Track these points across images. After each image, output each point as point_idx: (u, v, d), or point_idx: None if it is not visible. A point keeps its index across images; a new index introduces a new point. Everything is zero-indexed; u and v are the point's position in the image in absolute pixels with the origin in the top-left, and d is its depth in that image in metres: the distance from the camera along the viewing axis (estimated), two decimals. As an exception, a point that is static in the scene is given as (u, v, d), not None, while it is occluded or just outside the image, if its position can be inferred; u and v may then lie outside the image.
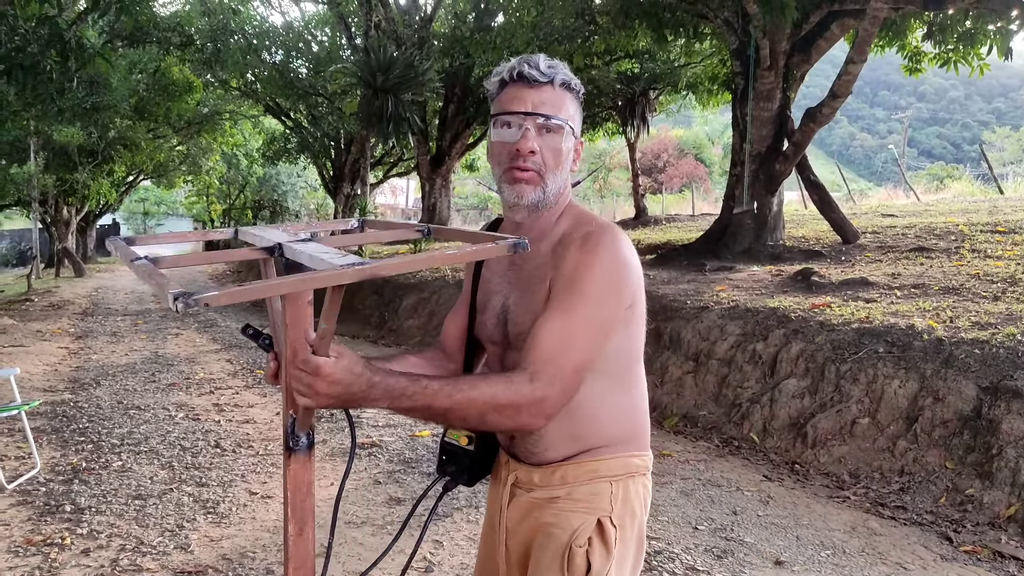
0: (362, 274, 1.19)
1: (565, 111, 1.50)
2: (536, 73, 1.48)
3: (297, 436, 1.50)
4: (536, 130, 1.48)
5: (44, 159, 22.66)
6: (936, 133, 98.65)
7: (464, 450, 1.64)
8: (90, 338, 10.55)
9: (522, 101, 1.48)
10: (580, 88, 1.55)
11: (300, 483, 1.53)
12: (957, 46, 10.50)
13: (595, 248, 1.44)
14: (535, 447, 1.56)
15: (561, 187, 1.54)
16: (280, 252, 1.48)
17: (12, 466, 4.85)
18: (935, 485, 4.51)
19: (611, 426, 1.55)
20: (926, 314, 5.81)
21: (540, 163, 1.49)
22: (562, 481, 1.55)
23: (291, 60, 21.96)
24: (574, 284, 1.42)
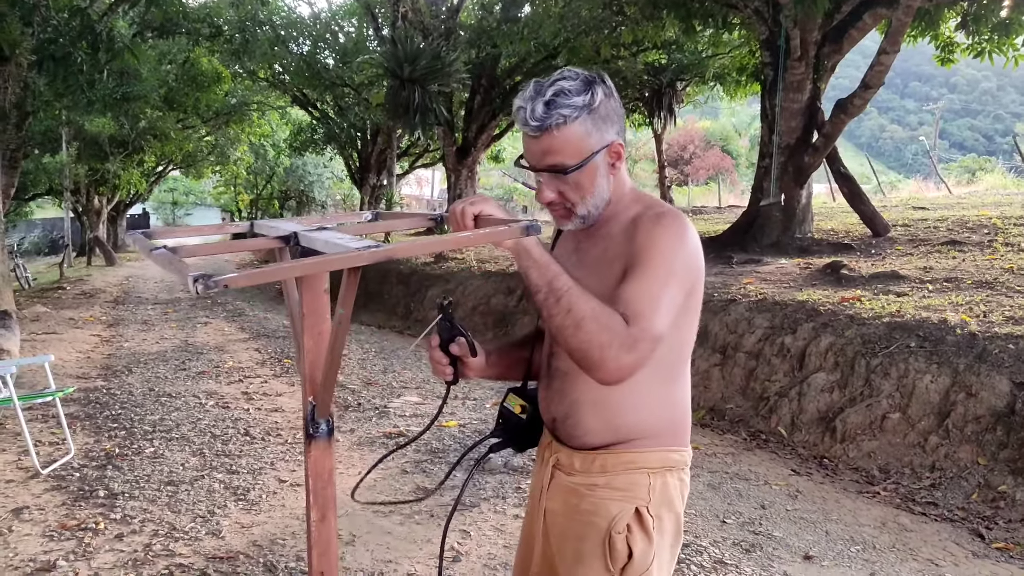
0: (375, 256, 1.21)
1: (571, 149, 1.49)
2: (529, 129, 1.49)
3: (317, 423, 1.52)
4: (549, 179, 1.53)
5: (76, 149, 22.95)
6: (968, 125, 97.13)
7: (516, 417, 1.72)
8: (121, 326, 10.70)
9: (529, 153, 1.53)
10: (588, 103, 1.50)
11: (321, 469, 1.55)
12: (991, 36, 10.32)
13: (668, 226, 1.49)
14: (575, 430, 1.60)
15: (602, 200, 1.58)
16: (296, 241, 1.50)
17: (47, 451, 4.94)
18: (967, 481, 4.46)
19: (651, 418, 1.57)
20: (959, 308, 5.74)
21: (563, 202, 1.55)
22: (601, 469, 1.57)
23: (318, 51, 22.02)
24: (650, 254, 1.47)
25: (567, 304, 1.38)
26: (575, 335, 1.39)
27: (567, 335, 1.40)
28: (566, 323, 1.39)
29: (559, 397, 1.62)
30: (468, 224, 1.42)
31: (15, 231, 33.21)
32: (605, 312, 1.39)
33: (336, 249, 1.27)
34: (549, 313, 1.41)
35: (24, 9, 8.90)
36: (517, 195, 41.32)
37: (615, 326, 1.38)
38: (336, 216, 1.76)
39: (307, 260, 1.25)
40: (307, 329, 1.50)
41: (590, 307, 1.38)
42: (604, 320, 1.38)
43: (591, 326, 1.37)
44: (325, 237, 1.39)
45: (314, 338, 1.51)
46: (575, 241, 1.66)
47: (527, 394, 1.74)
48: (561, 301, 1.39)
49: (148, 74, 18.19)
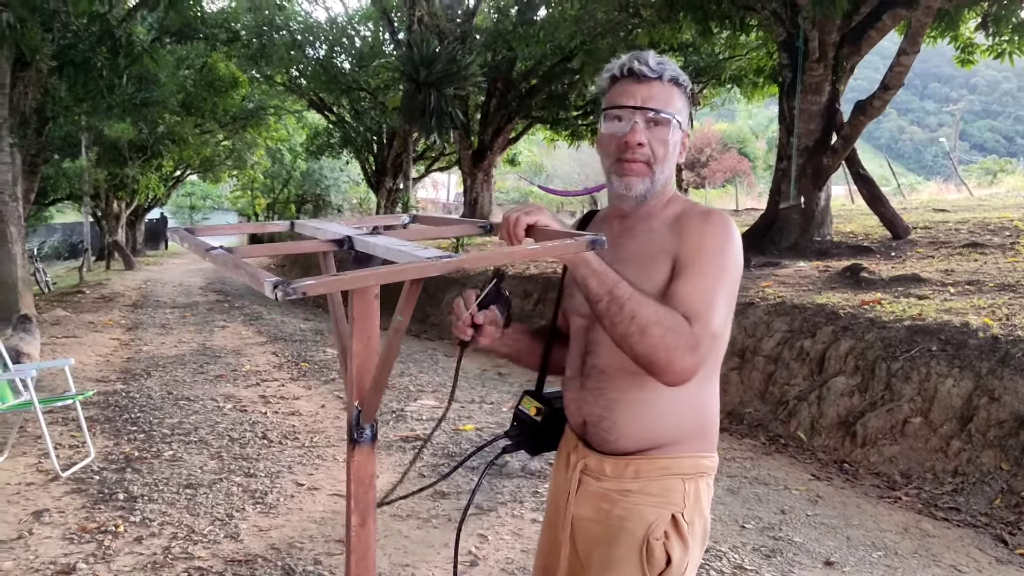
0: (449, 267, 1.20)
1: (673, 105, 1.56)
2: (646, 69, 1.53)
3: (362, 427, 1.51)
4: (644, 123, 1.54)
5: (95, 154, 23.13)
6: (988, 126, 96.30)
7: (532, 420, 1.72)
8: (140, 330, 10.77)
9: (631, 95, 1.54)
10: (688, 84, 1.61)
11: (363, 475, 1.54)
12: (1012, 37, 10.23)
13: (718, 224, 1.52)
14: (609, 434, 1.58)
15: (668, 178, 1.60)
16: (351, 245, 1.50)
17: (67, 454, 4.97)
18: (990, 486, 4.40)
19: (685, 422, 1.56)
20: (981, 311, 5.67)
21: (648, 154, 1.55)
22: (635, 475, 1.56)
23: (335, 55, 22.11)
24: (703, 252, 1.48)
25: (630, 311, 1.38)
26: (641, 341, 1.39)
27: (632, 341, 1.40)
28: (631, 330, 1.39)
29: (594, 397, 1.60)
30: (520, 235, 1.41)
31: (35, 235, 33.52)
32: (668, 315, 1.40)
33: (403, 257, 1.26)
34: (612, 321, 1.40)
35: (45, 15, 8.98)
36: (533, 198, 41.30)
37: (679, 328, 1.39)
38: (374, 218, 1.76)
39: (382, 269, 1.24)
40: (356, 334, 1.48)
41: (653, 311, 1.39)
42: (669, 323, 1.38)
43: (656, 330, 1.38)
44: (384, 243, 1.38)
45: (363, 343, 1.50)
46: (611, 235, 1.62)
47: (543, 397, 1.74)
48: (624, 308, 1.39)
49: (167, 79, 18.30)
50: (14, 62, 9.23)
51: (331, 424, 5.81)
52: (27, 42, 8.55)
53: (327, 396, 6.66)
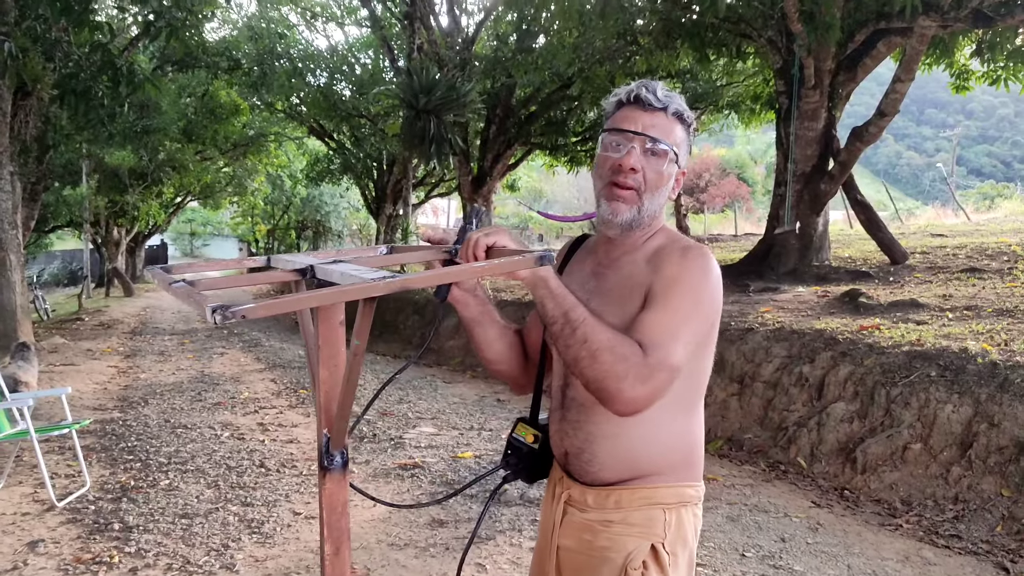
0: (391, 286, 1.20)
1: (673, 138, 1.56)
2: (652, 98, 1.54)
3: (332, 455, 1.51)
4: (641, 151, 1.53)
5: (96, 181, 23.23)
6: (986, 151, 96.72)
7: (529, 447, 1.71)
8: (138, 357, 10.75)
9: (633, 121, 1.54)
10: (692, 121, 1.62)
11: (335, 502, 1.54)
12: (1007, 64, 10.31)
13: (695, 260, 1.50)
14: (589, 465, 1.58)
15: (657, 210, 1.59)
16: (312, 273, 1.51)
17: (63, 484, 4.94)
18: (991, 513, 4.38)
19: (668, 453, 1.55)
20: (979, 337, 5.67)
21: (640, 181, 1.54)
22: (616, 505, 1.56)
23: (335, 82, 22.27)
24: (676, 286, 1.47)
25: (583, 335, 1.37)
26: (591, 366, 1.37)
27: (583, 366, 1.38)
28: (582, 354, 1.37)
29: (573, 429, 1.60)
30: (480, 255, 1.40)
31: (35, 263, 33.56)
32: (621, 342, 1.37)
33: (351, 280, 1.27)
34: (565, 344, 1.39)
35: (47, 44, 9.05)
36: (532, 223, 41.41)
37: (631, 356, 1.36)
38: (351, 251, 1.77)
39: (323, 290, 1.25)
40: (323, 360, 1.49)
41: (606, 337, 1.37)
42: (620, 350, 1.36)
43: (607, 357, 1.36)
44: (341, 269, 1.39)
45: (330, 369, 1.50)
46: (593, 265, 1.65)
47: (538, 424, 1.73)
48: (577, 332, 1.37)
49: (168, 107, 18.47)
50: (15, 91, 9.30)
51: (329, 452, 5.77)
52: (28, 71, 8.62)
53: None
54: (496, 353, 1.71)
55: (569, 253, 1.77)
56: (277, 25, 21.32)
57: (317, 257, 1.67)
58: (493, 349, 1.70)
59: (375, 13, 19.94)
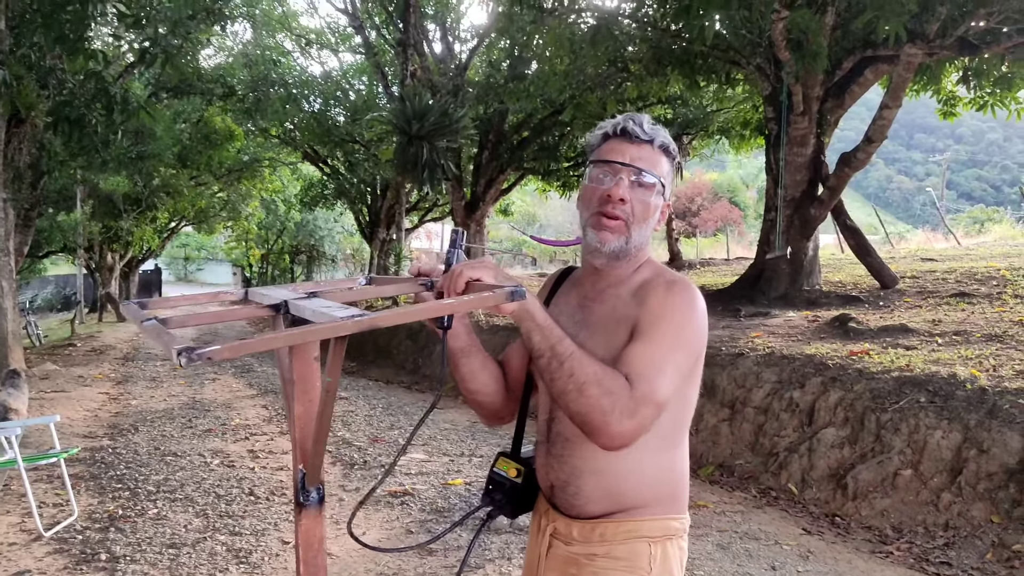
0: (360, 325, 1.20)
1: (659, 170, 1.58)
2: (639, 131, 1.56)
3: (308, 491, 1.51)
4: (629, 182, 1.55)
5: (90, 207, 23.25)
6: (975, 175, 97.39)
7: (511, 482, 1.70)
8: (130, 383, 10.71)
9: (621, 153, 1.56)
10: (677, 155, 1.64)
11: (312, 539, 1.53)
12: (994, 90, 10.43)
13: (680, 293, 1.51)
14: (575, 499, 1.58)
15: (643, 242, 1.60)
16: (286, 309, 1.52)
17: (51, 513, 4.91)
18: (981, 540, 4.38)
19: (653, 485, 1.56)
20: (968, 362, 5.69)
21: (628, 212, 1.56)
22: (601, 539, 1.56)
23: (329, 108, 22.39)
24: (661, 319, 1.48)
25: (569, 368, 1.37)
26: (577, 400, 1.38)
27: (569, 400, 1.39)
28: (568, 388, 1.38)
29: (559, 463, 1.60)
30: (459, 288, 1.40)
31: (28, 288, 33.49)
32: (608, 376, 1.38)
33: (322, 318, 1.28)
34: (552, 377, 1.40)
35: (41, 72, 9.11)
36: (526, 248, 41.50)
37: (617, 390, 1.37)
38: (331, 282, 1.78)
39: (292, 331, 1.26)
40: (298, 396, 1.50)
41: (592, 371, 1.37)
42: (606, 384, 1.37)
43: (593, 391, 1.36)
44: (313, 306, 1.40)
45: (304, 406, 1.51)
46: (579, 298, 1.66)
47: (519, 458, 1.73)
48: (564, 365, 1.38)
49: (163, 133, 18.52)
50: (9, 119, 9.34)
51: (319, 480, 5.75)
52: (23, 99, 8.66)
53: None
54: (480, 384, 1.71)
55: (556, 285, 1.78)
56: (272, 52, 21.45)
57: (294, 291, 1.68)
58: (478, 380, 1.70)
59: (369, 40, 20.12)
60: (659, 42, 10.79)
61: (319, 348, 1.51)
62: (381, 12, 19.76)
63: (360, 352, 13.77)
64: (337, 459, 6.32)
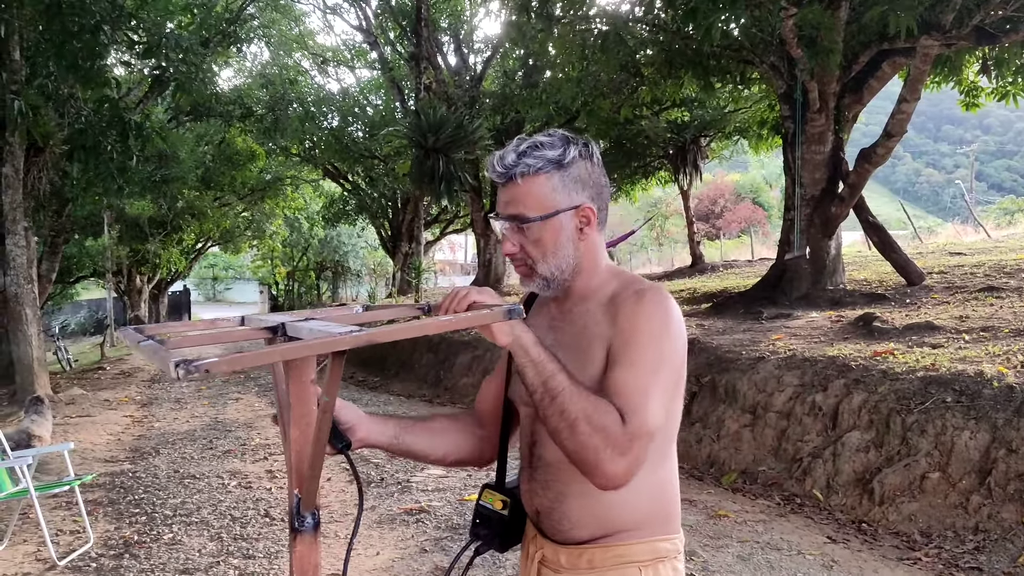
0: (357, 340, 1.18)
1: (535, 201, 1.46)
2: (495, 176, 1.48)
3: (303, 516, 1.47)
4: (512, 230, 1.49)
5: (117, 232, 23.56)
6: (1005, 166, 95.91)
7: (498, 514, 1.63)
8: (155, 405, 10.78)
9: (499, 201, 1.50)
10: (560, 159, 1.47)
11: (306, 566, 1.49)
12: (1016, 79, 10.21)
13: (652, 304, 1.43)
14: (560, 524, 1.51)
15: (566, 265, 1.51)
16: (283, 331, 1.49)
17: (67, 540, 4.91)
18: (1012, 543, 4.23)
19: (640, 507, 1.49)
20: (996, 359, 5.53)
21: (524, 258, 1.50)
22: (589, 565, 1.50)
23: (347, 125, 22.56)
24: (638, 339, 1.40)
25: (560, 405, 1.32)
26: (570, 438, 1.33)
27: (563, 438, 1.34)
28: (561, 426, 1.33)
29: (543, 489, 1.53)
30: (461, 309, 1.36)
31: (60, 313, 34.01)
32: (601, 413, 1.32)
33: (319, 335, 1.25)
34: (545, 414, 1.35)
35: (58, 101, 9.22)
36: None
37: (610, 426, 1.31)
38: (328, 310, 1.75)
39: (288, 344, 1.24)
40: (294, 419, 1.46)
41: (582, 407, 1.31)
42: (598, 421, 1.31)
43: (584, 428, 1.31)
44: (311, 326, 1.37)
45: (301, 428, 1.47)
46: (549, 318, 1.59)
47: (504, 488, 1.66)
48: (556, 401, 1.32)
49: (186, 156, 18.73)
50: (28, 148, 9.46)
51: (336, 498, 5.72)
52: (39, 129, 8.77)
53: (334, 469, 6.57)
54: (444, 448, 1.66)
55: (526, 307, 1.72)
56: (288, 72, 21.66)
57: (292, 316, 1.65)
58: (437, 447, 1.65)
59: (384, 55, 20.24)
60: (670, 45, 10.71)
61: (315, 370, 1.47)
62: (395, 27, 19.88)
63: (382, 367, 13.77)
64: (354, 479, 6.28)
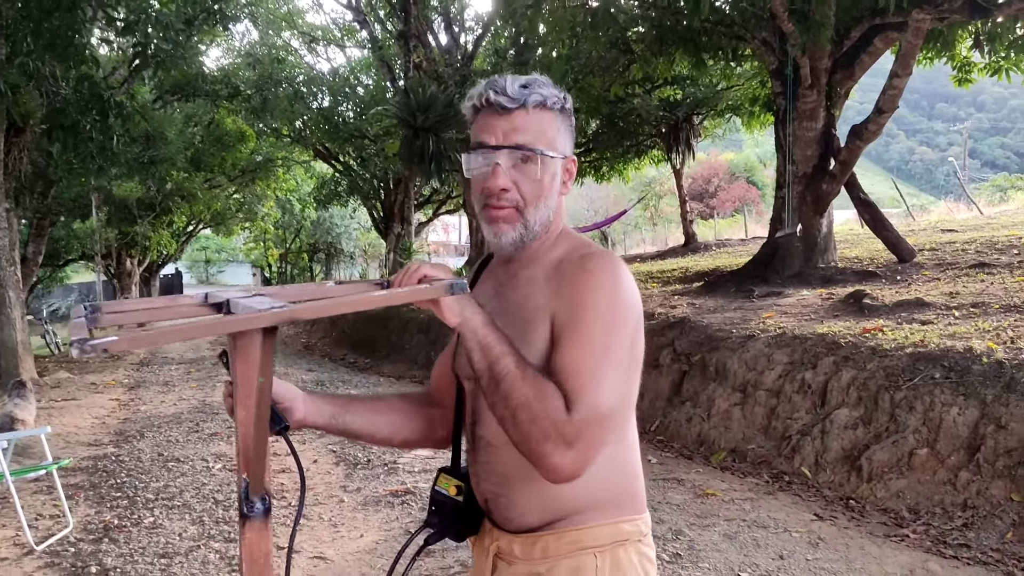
0: (278, 317, 1.12)
1: (543, 136, 1.35)
2: (504, 100, 1.33)
3: (252, 501, 1.39)
4: (509, 163, 1.34)
5: (106, 214, 23.37)
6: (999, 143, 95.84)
7: (452, 500, 1.49)
8: (142, 388, 10.69)
9: (492, 131, 1.34)
10: (562, 102, 1.39)
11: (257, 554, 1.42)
12: (1008, 54, 10.12)
13: (595, 271, 1.31)
14: (508, 511, 1.40)
15: (547, 218, 1.39)
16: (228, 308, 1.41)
17: (46, 525, 4.84)
18: (1001, 520, 4.20)
19: (595, 487, 1.35)
20: (985, 335, 5.48)
21: (516, 198, 1.35)
22: (543, 554, 1.37)
23: (338, 105, 22.34)
24: (584, 312, 1.28)
25: (505, 391, 1.20)
26: (513, 427, 1.21)
27: (507, 427, 1.22)
28: (505, 414, 1.21)
29: (486, 472, 1.42)
30: (412, 282, 1.26)
31: (50, 296, 33.84)
32: (543, 398, 1.19)
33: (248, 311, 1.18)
34: (491, 402, 1.23)
35: (39, 80, 9.06)
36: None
37: (552, 412, 1.18)
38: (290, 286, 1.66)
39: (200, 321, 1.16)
40: (240, 400, 1.38)
41: (524, 394, 1.19)
42: (539, 408, 1.19)
43: (524, 416, 1.19)
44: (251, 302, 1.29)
45: (247, 409, 1.39)
46: (495, 284, 1.47)
47: (461, 473, 1.52)
48: (500, 387, 1.21)
49: (174, 137, 18.52)
50: (8, 128, 9.30)
51: (321, 480, 5.67)
52: (19, 109, 8.61)
53: (320, 450, 6.52)
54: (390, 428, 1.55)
55: (477, 275, 1.61)
56: (277, 51, 21.42)
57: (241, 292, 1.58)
58: (381, 431, 1.54)
59: (374, 34, 20.02)
60: (661, 21, 10.57)
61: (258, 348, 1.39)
62: (385, 5, 19.65)
63: (373, 348, 13.71)
64: (341, 459, 6.23)
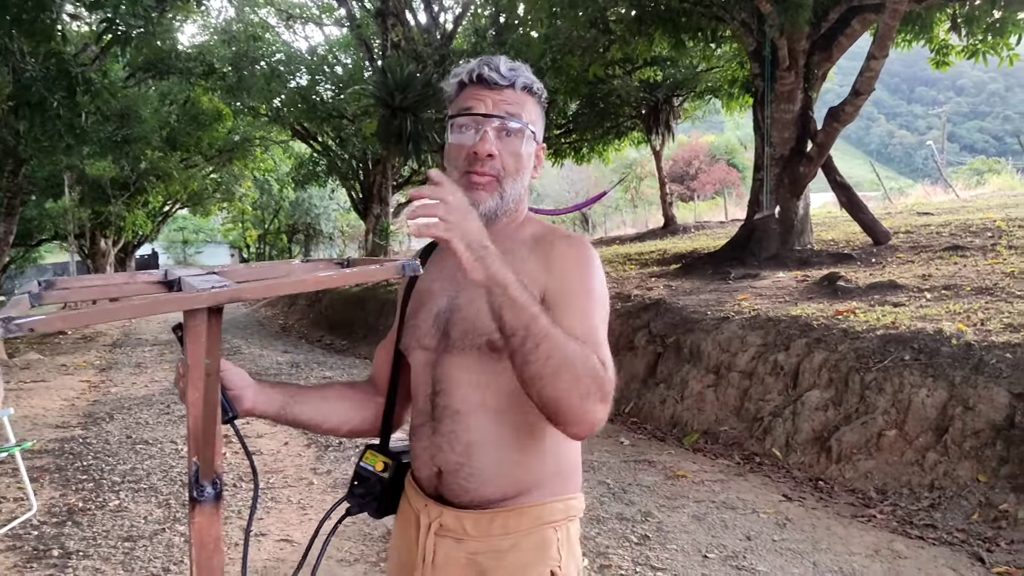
0: (216, 298, 1.08)
1: (527, 114, 1.42)
2: (496, 76, 1.40)
3: (202, 485, 1.36)
4: (495, 133, 1.38)
5: (79, 193, 23.01)
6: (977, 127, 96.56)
7: (377, 476, 1.51)
8: (114, 370, 10.57)
9: (481, 101, 1.40)
10: (543, 92, 1.48)
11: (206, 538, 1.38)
12: (985, 37, 10.13)
13: (581, 249, 1.40)
14: (468, 482, 1.38)
15: (521, 193, 1.44)
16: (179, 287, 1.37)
17: (9, 508, 4.76)
18: (967, 500, 4.22)
19: (548, 463, 1.40)
20: (956, 317, 5.51)
21: (499, 168, 1.39)
22: (504, 530, 1.38)
23: (316, 84, 22.07)
24: (581, 287, 1.36)
25: (546, 351, 1.18)
26: (553, 384, 1.19)
27: (543, 384, 1.20)
28: (544, 372, 1.19)
29: (449, 442, 1.39)
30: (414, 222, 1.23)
31: (23, 277, 33.40)
32: (586, 355, 1.21)
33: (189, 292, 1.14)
34: (525, 360, 1.20)
35: (5, 55, 8.85)
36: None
37: (596, 373, 1.21)
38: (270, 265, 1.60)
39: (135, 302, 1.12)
40: (192, 382, 1.34)
41: (571, 352, 1.20)
42: (583, 366, 1.20)
43: (567, 374, 1.19)
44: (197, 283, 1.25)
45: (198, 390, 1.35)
46: (453, 267, 1.46)
47: (389, 451, 1.53)
48: (540, 347, 1.18)
49: (149, 115, 18.20)
50: (-27, 105, 9.09)
51: (291, 463, 5.62)
52: (-13, 85, 8.42)
53: (292, 433, 6.46)
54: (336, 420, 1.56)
55: (428, 252, 1.59)
56: (253, 28, 21.11)
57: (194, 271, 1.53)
58: (330, 420, 1.55)
59: (352, 12, 19.77)
60: (640, 1, 10.49)
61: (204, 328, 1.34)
62: (363, -18, 19.42)
63: (350, 330, 13.63)
64: (312, 441, 6.18)
